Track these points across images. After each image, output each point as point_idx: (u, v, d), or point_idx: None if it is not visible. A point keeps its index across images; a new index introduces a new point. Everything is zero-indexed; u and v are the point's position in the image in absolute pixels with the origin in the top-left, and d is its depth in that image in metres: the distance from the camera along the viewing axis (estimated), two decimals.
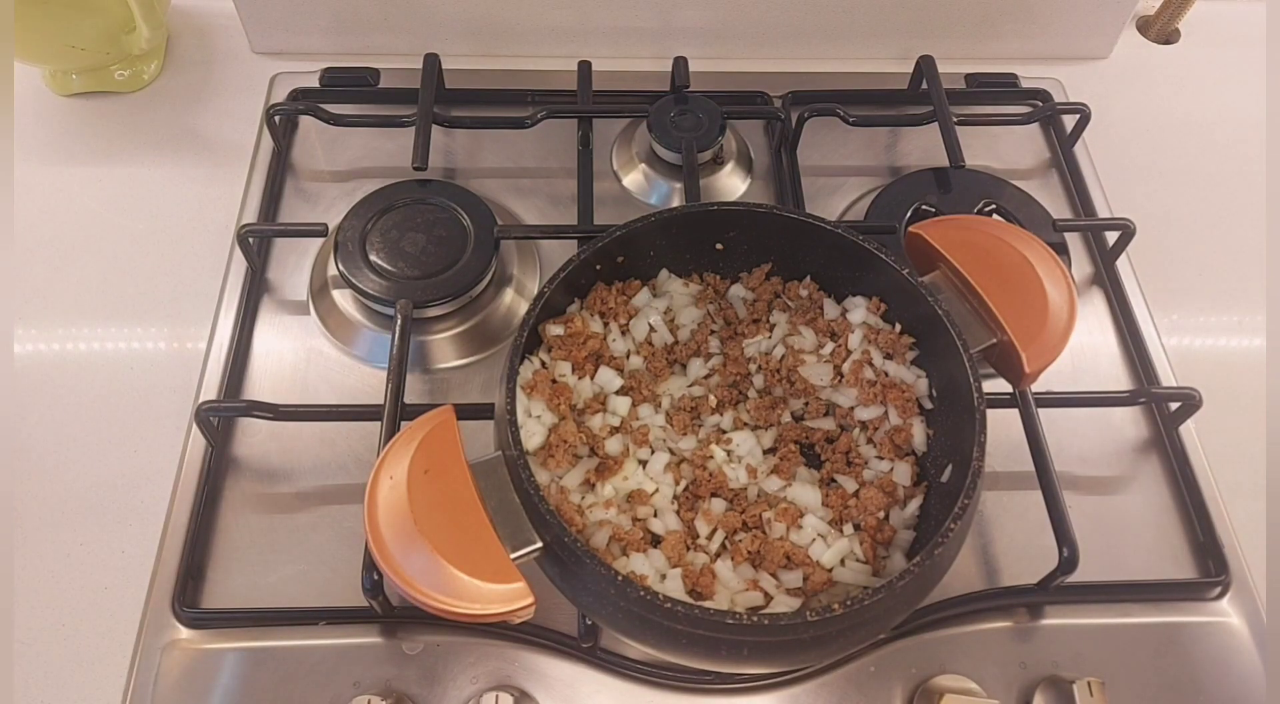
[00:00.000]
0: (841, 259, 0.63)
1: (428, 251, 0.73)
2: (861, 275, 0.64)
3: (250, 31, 0.92)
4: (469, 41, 0.92)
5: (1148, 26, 1.00)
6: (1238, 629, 0.63)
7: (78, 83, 0.87)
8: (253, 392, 0.70)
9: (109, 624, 0.61)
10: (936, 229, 0.63)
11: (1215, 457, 0.69)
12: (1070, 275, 0.61)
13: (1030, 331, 0.58)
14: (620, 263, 0.64)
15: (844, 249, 0.62)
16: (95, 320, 0.75)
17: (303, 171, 0.84)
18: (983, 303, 0.59)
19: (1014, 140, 0.89)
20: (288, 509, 0.65)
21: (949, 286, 0.61)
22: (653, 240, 0.64)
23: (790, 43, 0.94)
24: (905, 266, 0.60)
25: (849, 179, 0.85)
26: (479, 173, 0.84)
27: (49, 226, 0.80)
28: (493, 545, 0.48)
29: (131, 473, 0.67)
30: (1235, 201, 0.87)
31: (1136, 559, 0.66)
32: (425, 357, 0.72)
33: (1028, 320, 0.58)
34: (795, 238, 0.64)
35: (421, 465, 0.49)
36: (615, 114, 0.86)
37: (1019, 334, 0.58)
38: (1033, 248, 0.62)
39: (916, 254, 0.65)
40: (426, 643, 0.59)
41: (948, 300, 0.59)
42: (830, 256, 0.64)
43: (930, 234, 0.63)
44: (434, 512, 0.48)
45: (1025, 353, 0.57)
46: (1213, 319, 0.80)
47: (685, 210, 0.63)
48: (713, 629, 0.46)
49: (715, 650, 0.48)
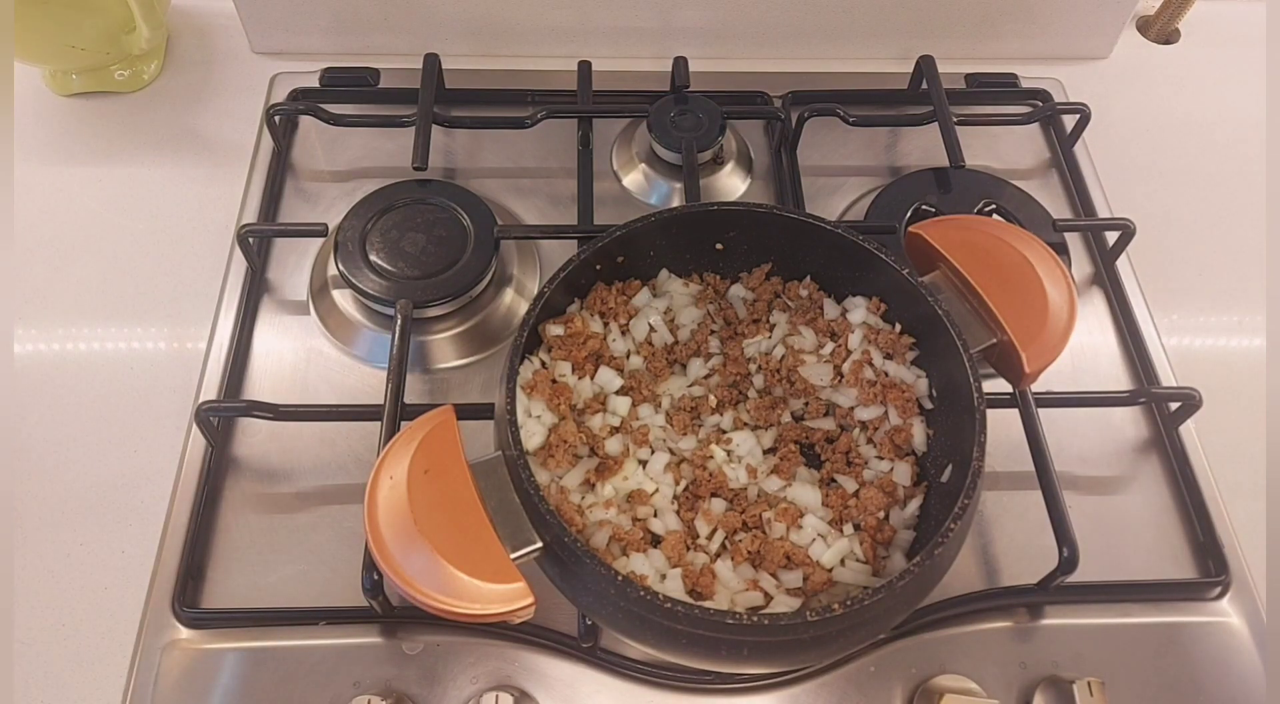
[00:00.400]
0: (841, 259, 0.63)
1: (428, 252, 0.73)
2: (861, 275, 0.64)
3: (250, 31, 0.92)
4: (469, 41, 0.92)
5: (1148, 26, 1.00)
6: (1238, 629, 0.63)
7: (78, 83, 0.87)
8: (252, 392, 0.70)
9: (109, 624, 0.61)
10: (937, 229, 0.63)
11: (1215, 456, 0.69)
12: (1070, 275, 0.61)
13: (1030, 332, 0.58)
14: (620, 263, 0.64)
15: (844, 249, 0.62)
16: (95, 320, 0.75)
17: (303, 171, 0.84)
18: (983, 303, 0.59)
19: (1014, 140, 0.89)
20: (288, 509, 0.65)
21: (949, 287, 0.61)
22: (653, 240, 0.64)
23: (790, 43, 0.94)
24: (905, 266, 0.60)
25: (849, 179, 0.85)
26: (479, 173, 0.84)
27: (49, 226, 0.80)
28: (493, 545, 0.48)
29: (132, 473, 0.67)
30: (1235, 201, 0.87)
31: (1136, 559, 0.66)
32: (425, 357, 0.72)
33: (1028, 320, 0.58)
34: (795, 238, 0.64)
35: (421, 465, 0.49)
36: (615, 114, 0.86)
37: (1019, 334, 0.58)
38: (1033, 248, 0.62)
39: (916, 254, 0.64)
40: (426, 643, 0.59)
41: (948, 300, 0.60)
42: (830, 256, 0.64)
43: (930, 234, 0.63)
44: (434, 512, 0.48)
45: (1025, 353, 0.57)
46: (1213, 319, 0.80)
47: (685, 210, 0.63)
48: (713, 629, 0.47)
49: (715, 650, 0.48)
